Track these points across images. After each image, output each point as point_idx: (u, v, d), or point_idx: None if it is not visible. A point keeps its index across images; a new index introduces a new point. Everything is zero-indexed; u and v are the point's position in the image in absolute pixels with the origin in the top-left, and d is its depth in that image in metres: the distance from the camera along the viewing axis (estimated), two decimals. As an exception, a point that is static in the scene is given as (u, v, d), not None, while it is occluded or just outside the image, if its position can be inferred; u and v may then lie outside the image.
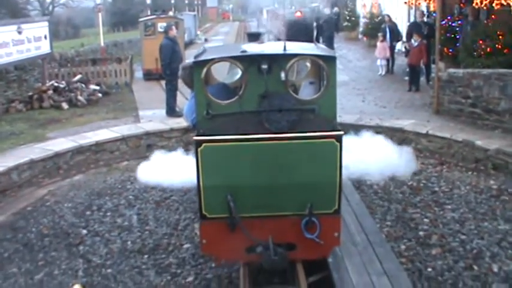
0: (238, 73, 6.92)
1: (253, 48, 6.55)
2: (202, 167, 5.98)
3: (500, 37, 13.86)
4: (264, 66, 6.06)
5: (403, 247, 7.99)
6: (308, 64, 7.78)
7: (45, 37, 18.00)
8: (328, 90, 6.18)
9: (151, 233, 8.72)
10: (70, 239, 8.61)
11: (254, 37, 7.31)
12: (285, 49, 6.24)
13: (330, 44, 25.40)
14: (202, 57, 6.37)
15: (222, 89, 7.29)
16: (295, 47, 6.69)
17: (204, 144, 5.95)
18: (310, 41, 16.25)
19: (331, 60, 6.25)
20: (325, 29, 25.97)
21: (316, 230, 6.06)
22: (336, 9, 30.00)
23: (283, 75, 6.11)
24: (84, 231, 8.84)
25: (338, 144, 6.00)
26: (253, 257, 6.23)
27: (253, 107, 6.12)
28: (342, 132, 6.04)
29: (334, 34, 26.86)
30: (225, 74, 8.21)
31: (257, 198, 6.12)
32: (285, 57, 6.15)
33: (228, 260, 6.85)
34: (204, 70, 6.14)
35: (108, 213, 9.49)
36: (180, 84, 15.61)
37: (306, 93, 7.18)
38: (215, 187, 6.03)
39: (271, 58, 6.13)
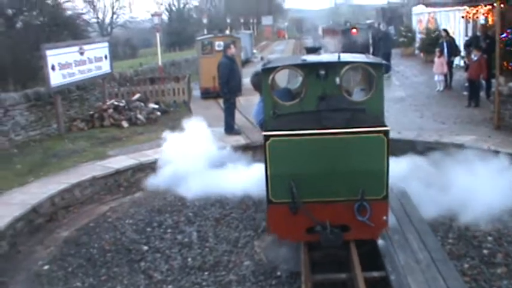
0: (300, 79, 8.01)
1: (311, 58, 7.73)
2: (270, 158, 7.10)
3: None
4: (322, 72, 7.31)
5: (466, 265, 7.78)
6: (360, 73, 8.79)
7: (106, 57, 18.47)
8: (376, 93, 7.37)
9: (211, 250, 8.74)
10: (132, 255, 8.72)
11: (312, 50, 8.51)
12: (339, 58, 7.58)
13: (386, 60, 25.22)
14: (270, 65, 7.63)
15: (286, 92, 8.48)
16: (348, 57, 7.95)
17: (271, 139, 7.06)
18: None
19: (378, 66, 7.46)
20: (381, 46, 25.86)
21: (367, 213, 7.06)
22: (391, 27, 29.76)
23: (338, 80, 7.33)
24: (145, 248, 8.94)
25: (385, 138, 6.97)
26: (312, 237, 7.26)
27: (313, 107, 7.38)
28: (388, 128, 7.04)
29: (391, 51, 26.64)
30: (286, 81, 9.34)
31: (316, 185, 7.12)
32: (339, 65, 7.37)
33: (290, 240, 7.70)
34: (271, 76, 7.46)
35: (169, 230, 9.57)
36: (238, 102, 15.83)
37: (358, 96, 8.09)
38: (280, 175, 7.10)
39: (327, 65, 7.40)
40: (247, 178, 10.77)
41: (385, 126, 7.08)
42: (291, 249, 8.38)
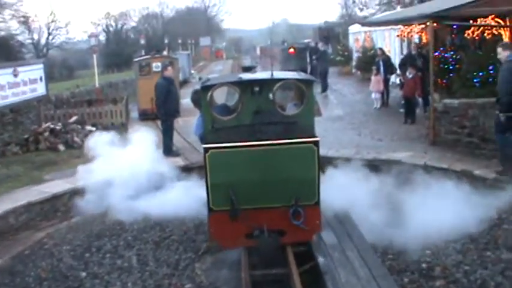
0: (236, 95, 8.46)
1: (247, 76, 8.40)
2: (210, 169, 7.66)
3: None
4: (256, 89, 8.00)
5: (406, 280, 7.91)
6: (292, 89, 9.36)
7: (41, 79, 18.05)
8: (307, 107, 8.14)
9: (151, 273, 8.61)
10: (69, 282, 8.51)
11: (248, 69, 9.08)
12: (272, 75, 8.13)
13: (324, 79, 25.65)
14: (208, 83, 8.22)
15: (224, 108, 9.03)
16: (281, 74, 8.65)
17: (210, 151, 7.63)
18: None
19: (309, 82, 8.29)
20: (318, 65, 26.29)
21: (301, 218, 7.67)
22: (328, 45, 30.30)
23: (271, 95, 7.97)
24: (83, 274, 8.73)
25: (316, 148, 7.67)
26: (251, 241, 7.78)
27: (248, 121, 8.00)
28: (318, 139, 7.78)
29: (328, 69, 27.07)
30: (224, 98, 9.89)
31: (253, 193, 7.68)
32: (272, 82, 8.01)
33: (230, 246, 8.25)
34: (209, 93, 8.06)
35: (108, 255, 9.39)
36: (176, 123, 15.71)
37: (291, 111, 8.60)
38: (219, 185, 7.64)
39: (261, 82, 8.08)
40: (187, 199, 10.70)
41: (316, 137, 7.83)
42: (231, 270, 8.37)
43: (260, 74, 8.86)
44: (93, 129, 18.67)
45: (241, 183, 7.65)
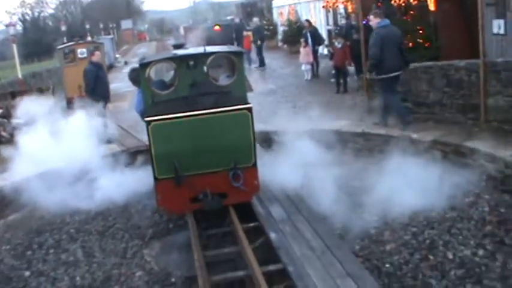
0: (172, 70, 9.16)
1: (181, 52, 9.08)
2: (153, 140, 8.08)
3: (421, 32, 14.22)
4: (191, 63, 8.66)
5: (357, 247, 7.97)
6: (225, 62, 9.87)
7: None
8: (239, 77, 8.90)
9: (99, 265, 8.37)
10: (13, 283, 8.17)
11: (178, 46, 9.77)
12: (205, 50, 8.83)
13: (259, 52, 25.54)
14: (145, 61, 8.78)
15: (161, 83, 9.54)
16: (213, 48, 9.18)
17: (152, 123, 8.04)
18: None
19: (239, 54, 9.08)
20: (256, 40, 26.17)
21: (240, 179, 8.25)
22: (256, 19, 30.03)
23: (205, 68, 8.70)
24: (27, 273, 8.39)
25: (249, 114, 8.22)
26: (196, 205, 8.35)
27: (186, 94, 8.59)
28: (251, 105, 8.34)
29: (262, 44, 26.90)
30: (161, 74, 10.27)
31: (195, 159, 8.16)
32: (205, 55, 8.71)
33: (177, 211, 8.76)
34: (147, 70, 8.63)
35: (51, 250, 9.05)
36: (107, 109, 15.27)
37: (224, 82, 9.22)
38: (163, 154, 8.11)
39: (196, 57, 8.73)
40: (127, 185, 10.47)
41: (249, 104, 8.38)
42: (181, 253, 8.24)
43: (193, 49, 9.32)
44: (21, 121, 17.99)
45: (183, 152, 8.13)
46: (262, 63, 25.94)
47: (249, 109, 8.28)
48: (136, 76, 9.84)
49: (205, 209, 8.37)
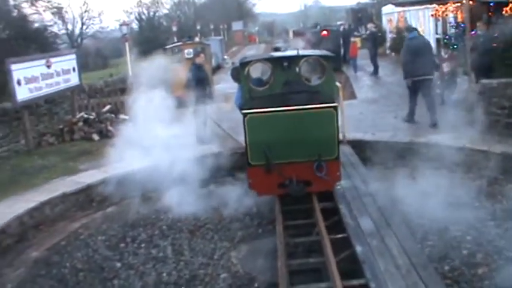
0: (268, 70, 10.04)
1: (277, 54, 10.35)
2: (248, 131, 9.05)
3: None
4: (285, 64, 9.77)
5: (446, 268, 7.66)
6: (316, 65, 10.65)
7: (74, 69, 18.07)
8: (327, 79, 9.84)
9: (186, 263, 8.53)
10: (104, 273, 8.46)
11: (277, 49, 11.44)
12: (298, 53, 10.05)
13: (373, 59, 25.10)
14: (245, 60, 10.01)
15: (258, 81, 10.52)
16: (305, 52, 10.60)
17: (248, 115, 9.02)
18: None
19: (328, 58, 10.05)
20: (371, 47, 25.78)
21: (323, 170, 9.05)
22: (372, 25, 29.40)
23: (297, 69, 9.77)
24: (119, 264, 8.69)
25: (335, 112, 9.01)
26: (282, 190, 9.22)
27: (279, 91, 9.72)
28: (336, 104, 9.26)
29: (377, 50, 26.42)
30: (259, 73, 11.05)
31: (284, 149, 9.02)
32: (298, 58, 9.85)
33: (265, 194, 9.67)
34: (247, 68, 9.82)
35: (143, 245, 9.33)
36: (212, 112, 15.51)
37: (315, 82, 10.19)
38: (256, 143, 9.04)
39: (289, 58, 9.89)
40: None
41: (335, 103, 9.19)
42: (267, 259, 8.24)
43: (288, 52, 10.55)
44: (127, 117, 18.66)
45: (274, 142, 8.98)
46: (376, 71, 25.42)
47: (335, 108, 9.06)
48: (237, 73, 11.13)
49: (290, 194, 9.20)
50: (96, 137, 16.69)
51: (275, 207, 9.38)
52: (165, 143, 11.62)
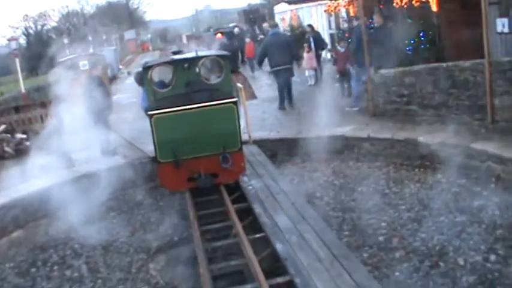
0: (170, 72, 10.36)
1: (178, 56, 10.68)
2: (155, 130, 9.47)
3: (423, 33, 14.05)
4: (186, 65, 10.16)
5: (365, 255, 7.82)
6: (215, 65, 11.24)
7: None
8: (226, 77, 10.34)
9: (104, 281, 8.27)
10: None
11: (176, 53, 11.45)
12: (196, 54, 10.39)
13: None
14: (148, 65, 10.24)
15: (161, 83, 10.83)
16: (204, 53, 11.09)
17: (154, 116, 9.45)
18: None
19: (225, 57, 10.57)
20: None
21: (229, 162, 9.63)
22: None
23: (197, 69, 10.18)
24: (32, 291, 8.27)
25: (235, 107, 9.65)
26: (192, 184, 9.74)
27: (182, 91, 10.08)
28: (236, 99, 9.84)
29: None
30: (161, 76, 11.26)
31: (191, 145, 9.54)
32: (197, 58, 10.28)
33: (176, 189, 10.11)
34: (150, 72, 10.09)
35: (55, 267, 8.93)
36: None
37: (214, 81, 10.57)
38: (164, 141, 9.51)
39: (189, 60, 10.29)
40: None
41: (234, 98, 9.79)
42: (187, 266, 8.11)
43: (187, 54, 10.88)
44: (24, 136, 17.88)
45: (181, 139, 9.49)
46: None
47: (235, 103, 9.71)
48: (141, 78, 11.48)
49: (199, 187, 9.69)
50: (-8, 159, 15.85)
51: (189, 213, 9.25)
52: (69, 158, 11.23)
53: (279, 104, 16.62)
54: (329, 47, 22.79)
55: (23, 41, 68.97)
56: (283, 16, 33.53)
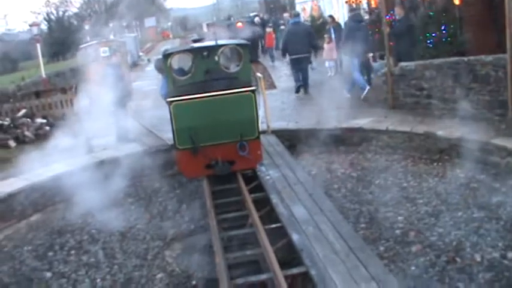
0: (190, 60, 10.45)
1: (197, 45, 10.69)
2: (174, 117, 9.53)
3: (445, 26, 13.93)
4: (205, 54, 10.24)
5: (382, 248, 7.81)
6: (234, 53, 11.66)
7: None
8: (244, 65, 10.48)
9: (120, 266, 8.33)
10: (34, 284, 8.10)
11: (197, 41, 11.46)
12: (216, 42, 10.40)
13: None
14: (168, 52, 10.36)
15: (181, 70, 10.98)
16: (223, 41, 10.88)
17: (173, 103, 9.52)
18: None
19: (244, 46, 10.67)
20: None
21: (246, 150, 9.64)
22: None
23: (216, 58, 10.24)
24: (49, 274, 8.37)
25: (253, 95, 9.67)
26: (209, 171, 9.78)
27: (201, 79, 10.17)
28: (254, 88, 9.82)
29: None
30: (181, 63, 11.57)
31: (208, 133, 9.58)
32: (216, 47, 10.32)
33: (193, 175, 10.23)
34: (169, 60, 10.20)
35: (72, 252, 9.02)
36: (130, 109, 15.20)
37: (233, 69, 10.79)
38: (182, 128, 9.54)
39: (208, 48, 10.34)
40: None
41: (252, 87, 9.77)
42: (203, 254, 8.14)
43: (207, 43, 10.88)
44: (44, 121, 18.03)
45: (199, 126, 9.53)
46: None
47: (253, 91, 9.71)
48: (161, 65, 11.53)
49: (216, 174, 9.76)
50: (12, 143, 15.97)
51: (206, 202, 9.28)
52: (87, 145, 11.29)
53: (296, 89, 17.36)
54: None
55: (44, 26, 69.20)
56: (304, 6, 33.43)
